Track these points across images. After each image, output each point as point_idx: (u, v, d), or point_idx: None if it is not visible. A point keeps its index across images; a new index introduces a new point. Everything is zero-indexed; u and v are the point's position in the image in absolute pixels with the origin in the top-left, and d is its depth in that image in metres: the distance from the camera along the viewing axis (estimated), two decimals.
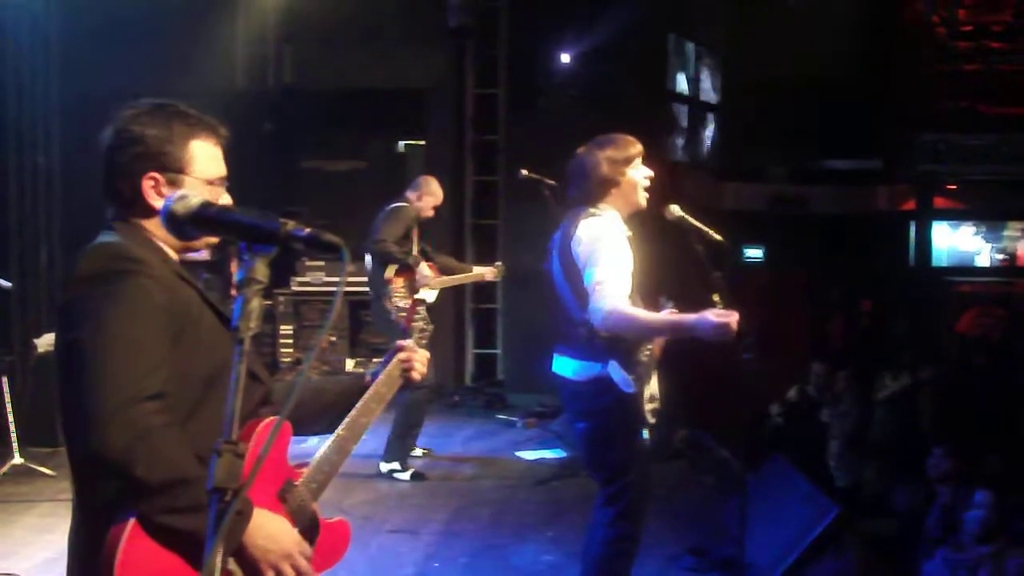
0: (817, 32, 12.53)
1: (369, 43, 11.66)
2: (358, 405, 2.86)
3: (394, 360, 2.99)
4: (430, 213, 8.43)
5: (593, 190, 4.77)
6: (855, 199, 13.30)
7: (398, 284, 8.12)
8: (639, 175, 4.81)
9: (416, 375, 3.01)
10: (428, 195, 8.37)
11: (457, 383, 11.90)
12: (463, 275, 8.84)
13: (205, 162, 2.56)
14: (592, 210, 4.75)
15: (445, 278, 8.46)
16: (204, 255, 8.82)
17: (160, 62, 10.39)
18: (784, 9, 12.53)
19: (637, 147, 4.83)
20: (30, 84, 9.83)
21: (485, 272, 8.86)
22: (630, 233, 4.75)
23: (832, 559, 5.86)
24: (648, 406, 4.71)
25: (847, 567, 5.89)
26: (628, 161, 4.79)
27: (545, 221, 7.28)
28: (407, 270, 8.14)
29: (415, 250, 8.26)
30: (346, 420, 2.83)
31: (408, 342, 3.07)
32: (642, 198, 4.83)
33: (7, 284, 7.66)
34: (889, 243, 13.11)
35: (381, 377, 2.95)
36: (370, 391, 2.91)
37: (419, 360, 3.02)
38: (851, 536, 6.03)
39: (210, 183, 2.55)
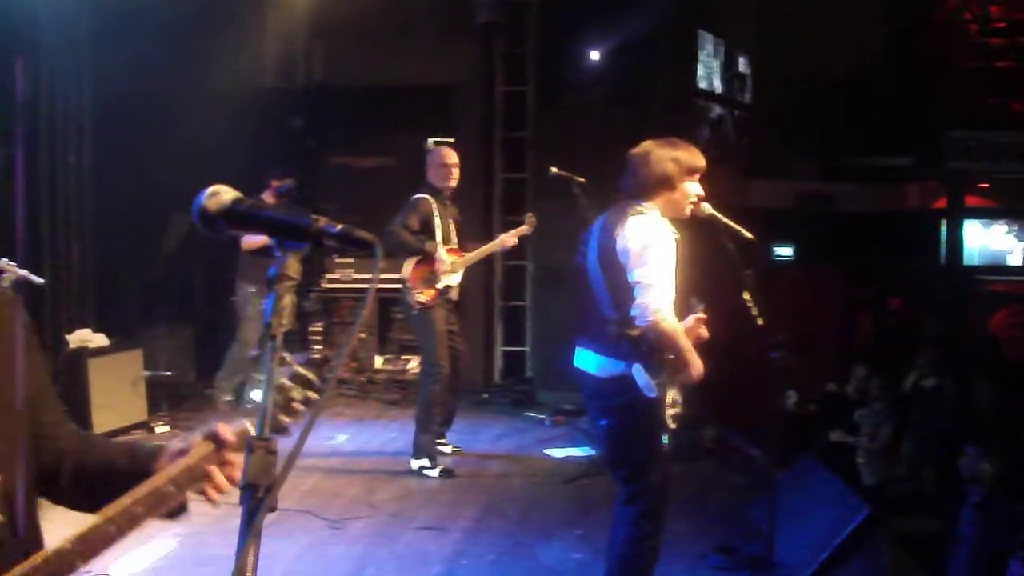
0: (847, 28, 12.47)
1: (398, 40, 11.68)
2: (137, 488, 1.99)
3: (202, 452, 2.03)
4: (452, 181, 8.32)
5: (650, 185, 4.77)
6: (885, 197, 13.22)
7: (414, 280, 8.10)
8: (693, 188, 4.81)
9: (212, 493, 2.05)
10: (436, 163, 8.30)
11: (486, 381, 11.90)
12: (487, 246, 8.66)
13: None
14: (639, 207, 4.74)
15: (468, 255, 8.39)
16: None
17: (190, 60, 10.46)
18: (813, 5, 12.46)
19: (703, 162, 4.84)
20: (62, 84, 9.88)
21: (510, 236, 8.66)
22: (678, 236, 4.74)
23: (862, 559, 5.83)
24: (670, 411, 4.71)
25: (878, 567, 5.86)
26: (692, 171, 4.80)
27: (574, 218, 7.31)
28: (425, 261, 8.11)
29: (439, 238, 8.18)
30: (117, 504, 1.95)
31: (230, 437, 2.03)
32: (686, 211, 4.83)
33: (39, 280, 7.69)
34: (919, 241, 13.02)
35: (181, 462, 2.03)
36: (161, 475, 2.02)
37: (228, 471, 2.04)
38: (882, 536, 5.99)
39: None
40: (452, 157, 8.31)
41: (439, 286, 8.11)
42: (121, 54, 9.80)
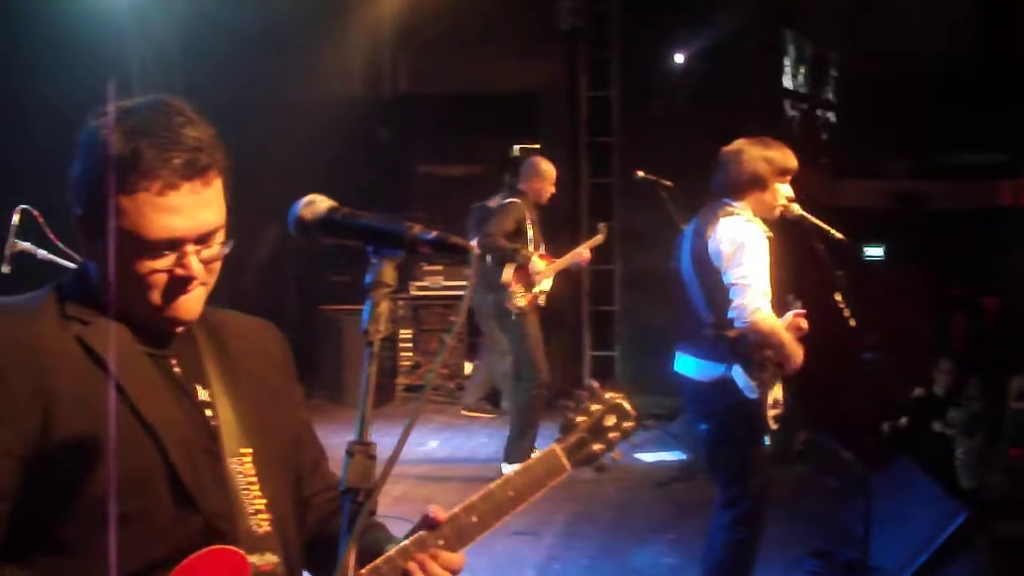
0: (937, 23, 12.28)
1: (482, 48, 11.74)
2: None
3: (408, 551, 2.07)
4: (548, 194, 8.36)
5: (741, 184, 4.74)
6: (978, 194, 12.99)
7: (515, 285, 8.13)
8: (784, 190, 4.78)
9: None
10: (538, 177, 8.30)
11: (575, 385, 11.87)
12: (568, 256, 8.59)
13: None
14: (730, 207, 4.72)
15: (557, 262, 8.41)
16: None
17: (278, 72, 10.60)
18: (901, 0, 12.29)
19: (795, 163, 4.80)
20: None
21: (584, 248, 8.67)
22: (770, 234, 4.71)
23: (961, 564, 5.73)
24: (771, 412, 4.68)
25: (977, 572, 5.76)
26: (784, 172, 4.77)
27: (661, 222, 7.29)
28: (521, 269, 8.14)
29: (531, 244, 8.22)
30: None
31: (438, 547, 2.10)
32: (776, 213, 4.78)
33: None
34: (1013, 239, 12.78)
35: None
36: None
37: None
38: (981, 540, 5.89)
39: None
40: (550, 171, 8.31)
41: (534, 291, 8.15)
42: (210, 69, 9.96)
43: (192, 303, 1.97)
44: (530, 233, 8.21)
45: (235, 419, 2.03)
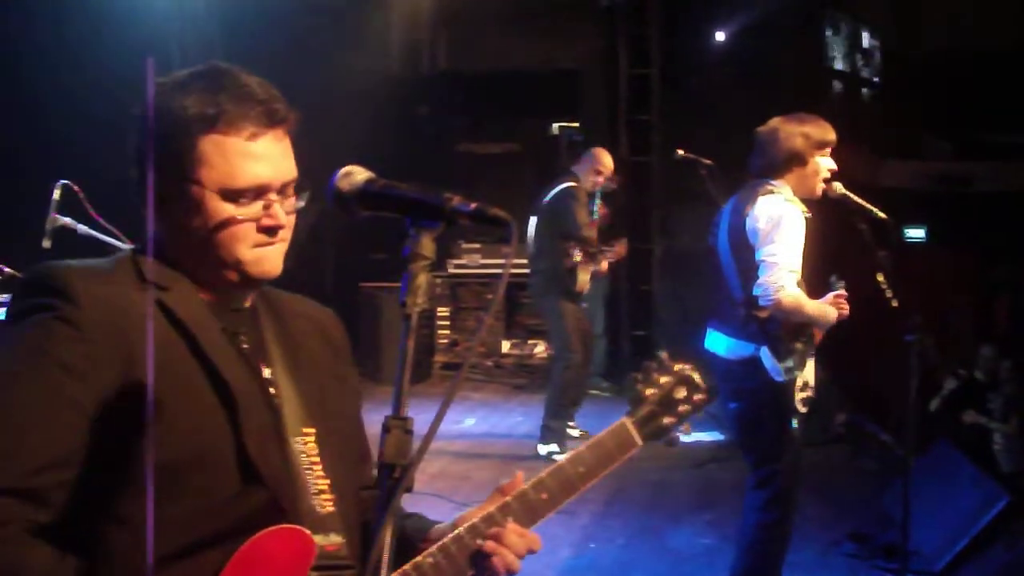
0: (981, 1, 12.15)
1: (522, 26, 11.71)
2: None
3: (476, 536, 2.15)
4: (596, 188, 8.37)
5: (780, 162, 4.69)
6: (1021, 175, 12.84)
7: (587, 286, 8.22)
8: (825, 163, 4.72)
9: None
10: (592, 169, 8.29)
11: (613, 365, 11.85)
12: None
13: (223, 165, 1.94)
14: (770, 186, 4.67)
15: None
16: None
17: (318, 50, 10.60)
18: None
19: (833, 136, 4.74)
20: None
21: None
22: (809, 214, 4.66)
23: (1003, 548, 5.68)
24: (800, 395, 4.64)
25: (1018, 557, 5.71)
26: (822, 145, 4.71)
27: (701, 201, 7.24)
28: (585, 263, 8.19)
29: (595, 232, 8.27)
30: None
31: (511, 526, 2.20)
32: (818, 188, 4.73)
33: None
34: None
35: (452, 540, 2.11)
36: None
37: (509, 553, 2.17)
38: (1023, 525, 5.83)
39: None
40: (608, 166, 8.33)
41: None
42: (249, 47, 9.97)
43: (276, 257, 2.01)
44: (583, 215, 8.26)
45: (297, 399, 2.03)
